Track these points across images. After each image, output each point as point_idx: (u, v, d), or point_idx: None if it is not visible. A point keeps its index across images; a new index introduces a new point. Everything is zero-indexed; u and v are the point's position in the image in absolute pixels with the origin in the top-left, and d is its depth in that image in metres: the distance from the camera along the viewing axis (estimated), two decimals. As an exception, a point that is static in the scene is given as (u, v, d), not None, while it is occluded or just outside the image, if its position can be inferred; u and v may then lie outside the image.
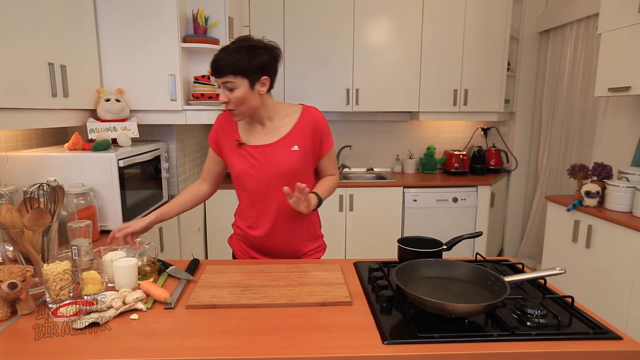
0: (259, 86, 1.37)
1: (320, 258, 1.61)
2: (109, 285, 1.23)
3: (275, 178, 1.44)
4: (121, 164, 1.84)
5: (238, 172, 1.48)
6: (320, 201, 1.42)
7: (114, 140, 2.06)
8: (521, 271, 1.34)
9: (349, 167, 3.89)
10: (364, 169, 3.94)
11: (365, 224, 3.37)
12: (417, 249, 1.32)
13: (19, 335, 0.97)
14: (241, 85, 1.34)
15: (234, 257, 1.66)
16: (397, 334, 0.97)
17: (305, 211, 1.36)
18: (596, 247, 2.38)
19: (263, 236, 1.51)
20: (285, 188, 1.31)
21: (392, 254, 1.55)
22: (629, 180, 2.37)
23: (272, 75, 1.40)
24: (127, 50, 2.22)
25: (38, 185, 1.27)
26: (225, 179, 1.70)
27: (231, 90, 1.35)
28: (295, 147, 1.44)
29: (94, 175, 1.81)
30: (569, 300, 1.12)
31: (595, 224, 2.38)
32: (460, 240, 1.40)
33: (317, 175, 1.58)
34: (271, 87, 1.42)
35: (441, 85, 3.49)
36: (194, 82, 2.37)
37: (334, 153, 1.56)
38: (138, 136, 2.15)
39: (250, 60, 1.33)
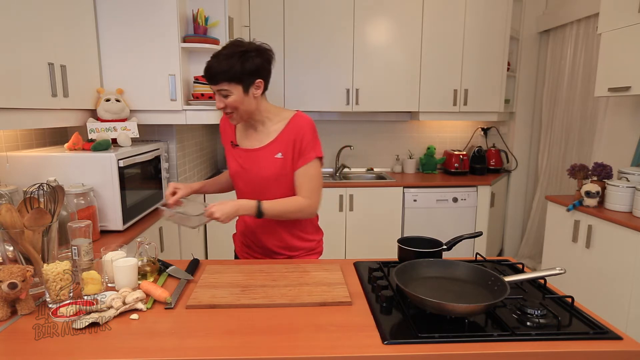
0: (253, 89, 1.38)
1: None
2: (109, 285, 1.23)
3: (260, 181, 1.47)
4: (121, 164, 1.84)
5: (231, 172, 1.55)
6: (260, 211, 1.38)
7: (114, 140, 2.06)
8: (521, 271, 1.35)
9: (349, 167, 3.89)
10: (364, 169, 3.94)
11: (365, 224, 3.37)
12: (417, 249, 1.32)
13: (19, 335, 0.97)
14: (235, 92, 1.36)
15: (235, 256, 1.68)
16: (397, 334, 0.97)
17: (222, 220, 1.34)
18: (596, 247, 2.38)
19: (255, 234, 1.55)
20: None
21: (392, 254, 1.55)
22: (629, 180, 2.37)
23: (266, 77, 1.41)
24: (127, 50, 2.22)
25: (38, 185, 1.27)
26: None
27: (226, 97, 1.36)
28: (279, 155, 1.44)
29: (94, 175, 1.81)
30: (569, 300, 1.12)
31: (595, 224, 2.38)
32: (460, 240, 1.40)
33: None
34: (265, 88, 1.43)
35: (441, 85, 3.49)
36: (194, 82, 2.37)
37: (312, 172, 1.44)
38: (138, 136, 2.15)
39: (243, 66, 1.33)
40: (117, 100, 2.15)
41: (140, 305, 1.08)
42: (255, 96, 1.40)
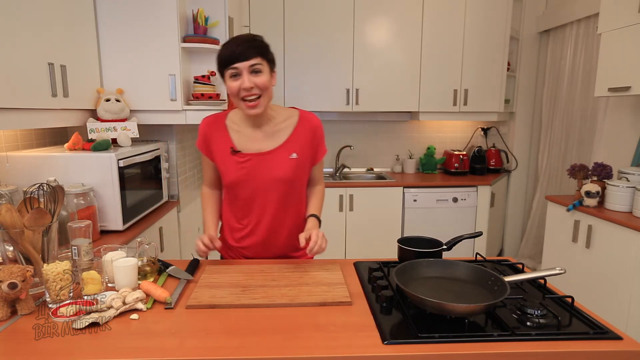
0: (273, 79, 1.35)
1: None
2: (109, 285, 1.23)
3: (271, 185, 1.39)
4: (121, 164, 1.84)
5: (231, 181, 1.41)
6: (320, 222, 1.47)
7: (114, 140, 2.06)
8: (521, 271, 1.34)
9: (349, 167, 3.89)
10: (364, 169, 3.94)
11: (365, 224, 3.37)
12: (417, 249, 1.32)
13: (19, 335, 0.97)
14: (266, 70, 1.30)
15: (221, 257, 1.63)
16: (397, 334, 0.97)
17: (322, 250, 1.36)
18: (596, 247, 2.38)
19: (256, 245, 1.48)
20: (302, 240, 1.34)
21: (392, 254, 1.55)
22: (629, 180, 2.37)
23: None
24: (127, 50, 2.22)
25: (38, 185, 1.27)
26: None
27: (257, 73, 1.28)
28: (294, 155, 1.39)
29: (94, 175, 1.81)
30: (569, 300, 1.12)
31: (595, 224, 2.38)
32: (460, 240, 1.39)
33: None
34: None
35: (441, 85, 3.49)
36: (194, 82, 2.37)
37: (323, 161, 1.53)
38: (138, 136, 2.15)
39: (269, 49, 1.33)
40: (117, 100, 2.15)
41: (140, 305, 1.08)
42: (273, 85, 1.35)
